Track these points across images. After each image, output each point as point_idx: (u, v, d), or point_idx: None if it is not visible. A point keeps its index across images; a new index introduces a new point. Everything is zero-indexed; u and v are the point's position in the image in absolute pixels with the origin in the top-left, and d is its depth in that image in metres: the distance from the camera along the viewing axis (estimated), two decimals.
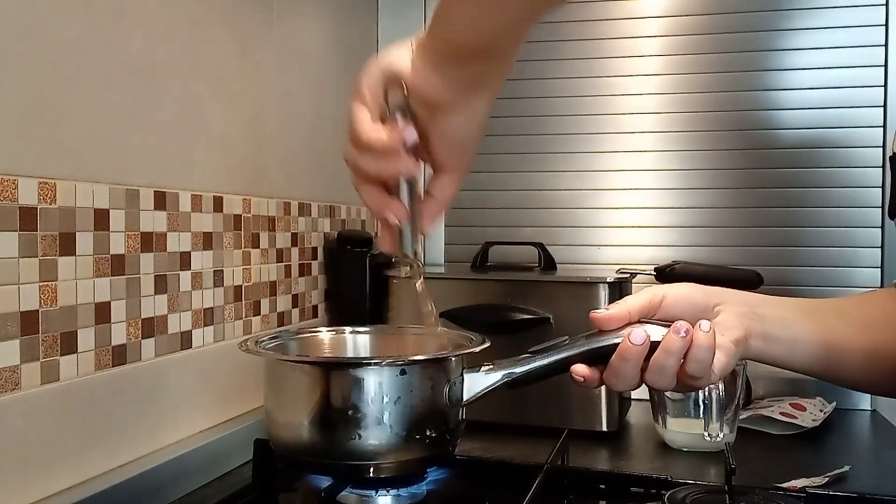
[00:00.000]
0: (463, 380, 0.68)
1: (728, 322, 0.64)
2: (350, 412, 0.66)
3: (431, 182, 0.61)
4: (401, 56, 0.55)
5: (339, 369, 0.68)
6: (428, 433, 0.68)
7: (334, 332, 0.83)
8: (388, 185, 0.58)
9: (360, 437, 0.66)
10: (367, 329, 0.84)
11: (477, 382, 0.68)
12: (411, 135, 0.55)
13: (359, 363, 0.72)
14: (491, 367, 0.67)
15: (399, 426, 0.66)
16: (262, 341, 0.75)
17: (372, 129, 0.56)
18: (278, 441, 0.71)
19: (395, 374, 0.66)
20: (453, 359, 0.69)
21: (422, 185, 0.60)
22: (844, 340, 0.69)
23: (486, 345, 0.71)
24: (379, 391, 0.66)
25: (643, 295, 0.66)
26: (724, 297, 0.67)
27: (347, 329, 0.83)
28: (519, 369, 0.66)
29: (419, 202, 0.60)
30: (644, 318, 0.65)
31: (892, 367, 0.68)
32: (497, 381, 0.67)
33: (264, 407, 0.72)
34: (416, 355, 0.70)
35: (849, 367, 0.70)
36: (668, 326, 0.61)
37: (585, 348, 0.64)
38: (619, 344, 0.61)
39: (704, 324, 0.61)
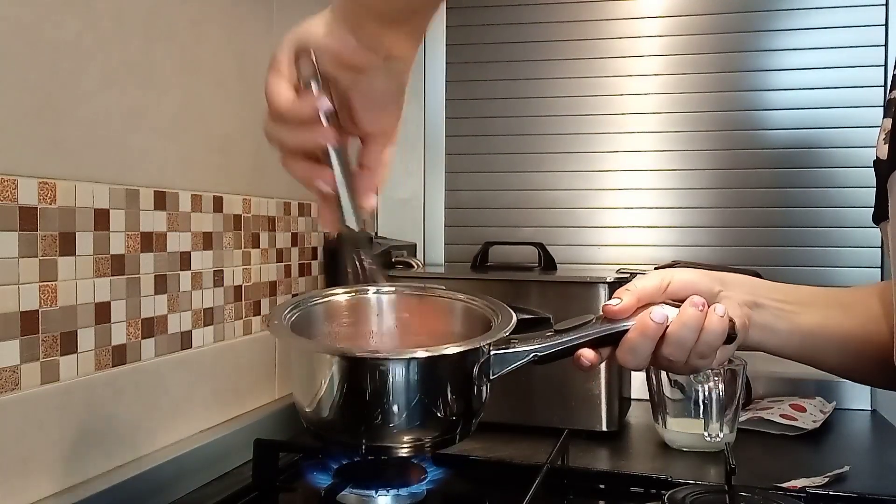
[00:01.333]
0: (490, 358, 0.67)
1: (730, 311, 0.65)
2: (374, 402, 0.64)
3: (362, 153, 0.60)
4: (312, 25, 0.56)
5: (362, 364, 0.66)
6: (454, 411, 0.66)
7: (354, 293, 0.75)
8: (317, 157, 0.58)
9: (387, 419, 0.64)
10: (391, 288, 0.75)
11: (505, 360, 0.67)
12: (325, 104, 0.55)
13: (387, 358, 0.69)
14: (518, 343, 0.67)
15: (424, 406, 0.65)
16: (286, 313, 0.69)
17: (287, 99, 0.56)
18: (305, 417, 0.69)
19: (425, 365, 0.65)
20: (482, 345, 0.67)
21: (352, 160, 0.60)
22: (845, 332, 0.71)
23: (514, 323, 0.70)
24: (406, 381, 0.65)
25: (652, 279, 0.67)
26: (727, 284, 0.69)
27: (371, 289, 0.75)
28: (548, 350, 0.66)
29: (354, 176, 0.59)
30: (668, 301, 0.66)
31: (887, 357, 0.69)
32: (524, 360, 0.66)
33: (292, 384, 0.69)
34: (445, 349, 0.68)
35: (836, 355, 0.72)
36: (678, 307, 0.63)
37: (617, 329, 0.64)
38: None
39: (719, 308, 0.62)
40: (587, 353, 0.64)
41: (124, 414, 0.78)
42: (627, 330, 0.64)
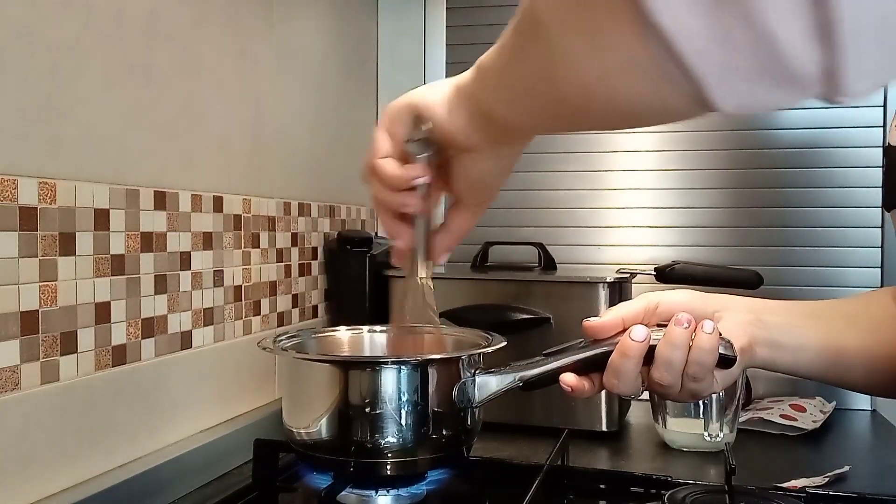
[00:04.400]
0: (475, 381, 0.68)
1: (731, 330, 0.62)
2: (365, 410, 0.66)
3: (450, 212, 0.61)
4: (434, 93, 0.54)
5: (352, 368, 0.69)
6: (441, 433, 0.68)
7: (353, 332, 0.84)
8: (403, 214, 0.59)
9: (373, 434, 0.66)
10: (384, 328, 0.84)
11: (489, 384, 0.67)
12: (421, 175, 0.56)
13: (368, 362, 0.72)
14: (504, 369, 0.67)
15: (412, 425, 0.66)
16: (282, 340, 0.76)
17: (385, 161, 0.57)
18: (294, 437, 0.71)
19: (409, 373, 0.66)
20: (465, 358, 0.68)
21: (439, 216, 0.61)
22: (850, 344, 0.67)
23: (502, 344, 0.71)
24: (393, 390, 0.66)
25: (638, 302, 0.65)
26: (725, 304, 0.66)
27: (365, 328, 0.84)
28: (532, 372, 0.65)
29: (433, 232, 0.61)
30: (663, 322, 0.63)
31: None
32: (509, 384, 0.66)
33: (282, 403, 0.73)
34: (429, 355, 0.70)
35: (856, 370, 0.68)
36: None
37: (599, 350, 0.62)
38: None
39: (707, 324, 0.59)
40: (567, 378, 0.62)
41: (124, 414, 0.78)
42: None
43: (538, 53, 0.39)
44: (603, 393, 1.07)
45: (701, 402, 1.00)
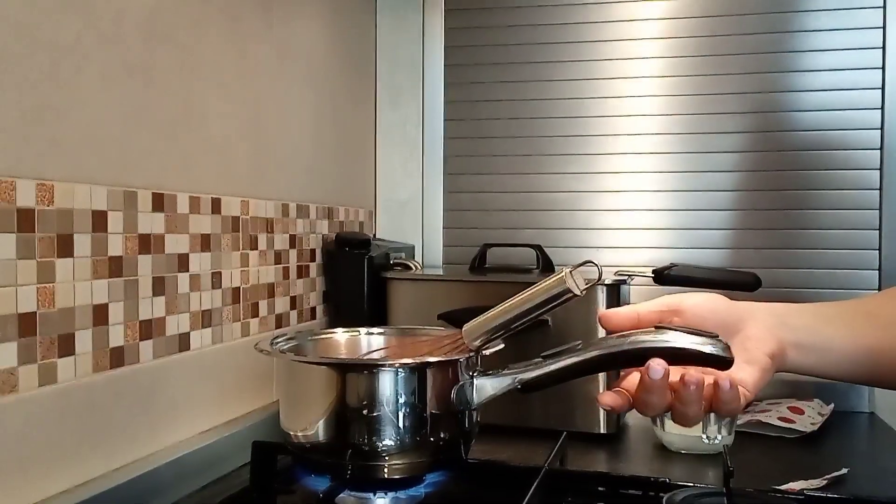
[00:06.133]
0: (473, 384, 0.68)
1: (760, 335, 0.63)
2: (362, 412, 0.66)
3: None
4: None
5: (349, 371, 0.69)
6: (439, 435, 0.68)
7: (350, 334, 0.84)
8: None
9: (371, 437, 0.66)
10: (381, 330, 0.85)
11: (487, 386, 0.68)
12: None
13: (366, 364, 0.73)
14: (502, 371, 0.67)
15: (409, 427, 0.66)
16: (279, 342, 0.75)
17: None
18: (291, 439, 0.71)
19: (406, 376, 0.67)
20: (462, 361, 0.69)
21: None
22: (875, 342, 0.67)
23: (500, 347, 0.71)
24: (390, 392, 0.66)
25: (657, 301, 0.66)
26: (750, 310, 0.66)
27: (362, 330, 0.84)
28: (530, 374, 0.65)
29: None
30: (662, 324, 0.63)
31: None
32: (507, 386, 0.67)
33: (279, 406, 0.74)
34: (427, 357, 0.70)
35: (883, 368, 0.67)
36: (691, 333, 0.60)
37: (597, 353, 0.62)
38: (631, 351, 0.61)
39: (724, 384, 0.59)
40: (606, 399, 0.62)
41: (123, 416, 0.78)
42: (616, 356, 0.61)
43: None
44: None
45: None
